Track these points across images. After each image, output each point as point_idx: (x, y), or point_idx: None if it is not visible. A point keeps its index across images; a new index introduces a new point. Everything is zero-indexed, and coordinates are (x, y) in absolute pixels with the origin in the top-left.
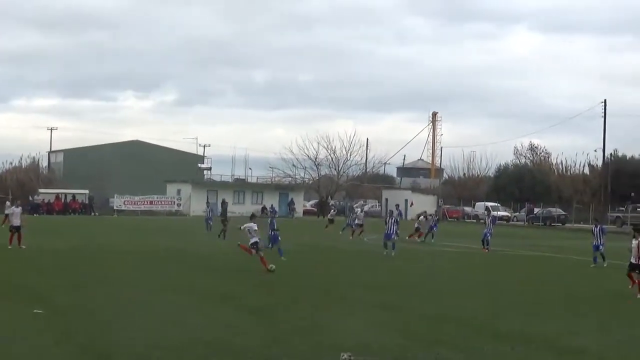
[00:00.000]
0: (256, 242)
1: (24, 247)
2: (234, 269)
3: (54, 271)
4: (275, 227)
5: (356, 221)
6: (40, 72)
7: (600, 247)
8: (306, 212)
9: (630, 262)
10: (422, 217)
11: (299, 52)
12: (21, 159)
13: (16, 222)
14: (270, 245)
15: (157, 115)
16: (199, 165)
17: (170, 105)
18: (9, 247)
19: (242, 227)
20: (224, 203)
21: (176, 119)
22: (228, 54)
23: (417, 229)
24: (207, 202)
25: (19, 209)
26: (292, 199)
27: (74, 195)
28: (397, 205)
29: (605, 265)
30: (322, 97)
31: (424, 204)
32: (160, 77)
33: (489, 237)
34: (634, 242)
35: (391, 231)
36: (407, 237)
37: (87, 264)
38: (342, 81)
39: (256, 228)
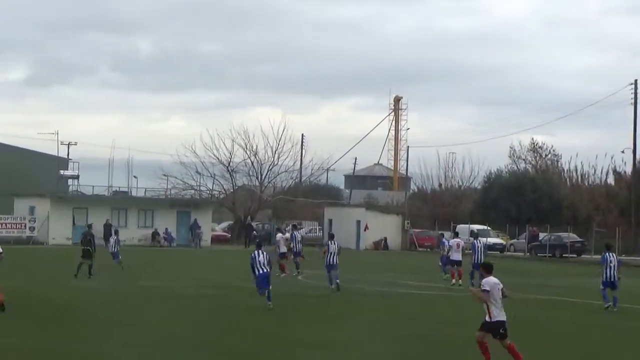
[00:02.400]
0: None
1: None
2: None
3: None
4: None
5: (279, 249)
6: None
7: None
8: (217, 239)
9: None
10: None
11: (199, 11)
12: None
13: None
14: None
15: None
16: (61, 172)
17: (16, 86)
18: None
19: None
20: (107, 226)
21: (25, 106)
22: (99, 12)
23: None
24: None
25: None
26: (195, 220)
27: None
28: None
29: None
30: (235, 75)
31: (383, 227)
32: (0, 46)
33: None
34: None
35: (333, 261)
36: None
37: None
38: (263, 53)
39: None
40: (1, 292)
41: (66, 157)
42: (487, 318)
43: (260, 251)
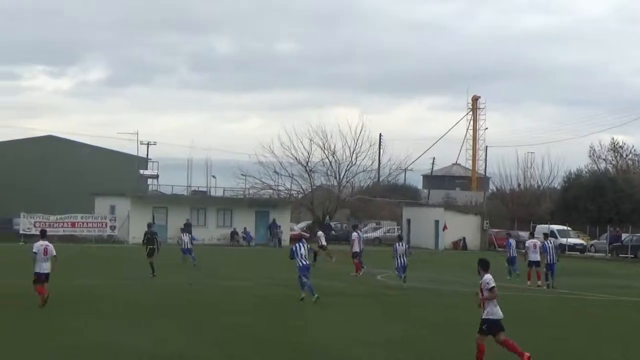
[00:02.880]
0: None
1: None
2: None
3: None
4: None
5: (353, 248)
6: None
7: None
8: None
9: None
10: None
11: (277, 11)
12: None
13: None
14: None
15: (78, 99)
16: (141, 171)
17: (97, 86)
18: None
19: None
20: (187, 225)
21: (105, 106)
22: (178, 13)
23: None
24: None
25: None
26: (274, 219)
27: None
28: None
29: None
30: (313, 74)
31: (462, 227)
32: (81, 46)
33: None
34: None
35: (403, 262)
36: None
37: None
38: (341, 52)
39: None
40: (45, 289)
41: (146, 156)
42: (484, 316)
43: (301, 244)
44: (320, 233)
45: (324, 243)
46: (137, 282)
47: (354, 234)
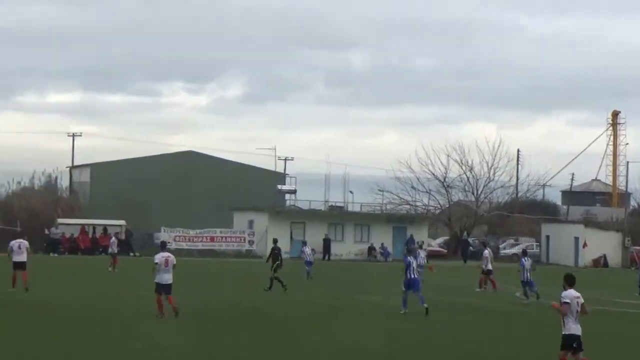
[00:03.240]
0: None
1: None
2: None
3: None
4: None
5: (486, 266)
6: (56, 56)
7: None
8: (433, 254)
9: None
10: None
11: (414, 27)
12: (33, 177)
13: (19, 257)
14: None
15: (216, 115)
16: (279, 187)
17: (234, 102)
18: (12, 289)
19: None
20: (326, 240)
21: (243, 121)
22: (315, 30)
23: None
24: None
25: (24, 241)
26: (411, 235)
27: (105, 228)
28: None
29: None
30: (451, 90)
31: (602, 244)
32: (220, 64)
33: None
34: None
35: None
36: None
37: (116, 327)
38: (478, 68)
39: None
40: (171, 300)
41: (283, 172)
42: (563, 331)
43: (413, 257)
44: (486, 253)
45: (490, 267)
46: (278, 297)
47: (485, 252)
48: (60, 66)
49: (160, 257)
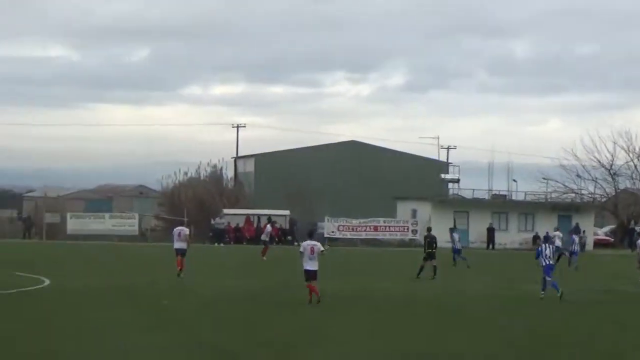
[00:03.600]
0: None
1: (182, 276)
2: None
3: (239, 322)
4: None
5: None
6: (220, 49)
7: None
8: (599, 243)
9: None
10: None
11: (576, 14)
12: (199, 167)
13: (179, 244)
14: None
15: (378, 105)
16: (442, 176)
17: (396, 91)
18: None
19: None
20: (490, 229)
21: (405, 110)
22: (476, 18)
23: None
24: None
25: (185, 229)
26: (577, 224)
27: (269, 218)
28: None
29: None
30: (615, 76)
31: None
32: (381, 53)
33: None
34: None
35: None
36: None
37: (289, 317)
38: None
39: None
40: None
41: (446, 160)
42: None
43: (547, 245)
44: None
45: None
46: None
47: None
48: (225, 59)
49: (306, 245)
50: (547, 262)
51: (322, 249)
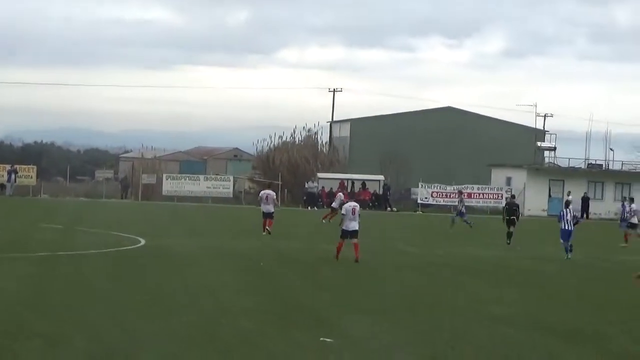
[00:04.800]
0: None
1: (264, 234)
2: None
3: (337, 287)
4: None
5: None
6: (318, 12)
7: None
8: None
9: None
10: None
11: None
12: (294, 131)
13: (266, 207)
14: None
15: (475, 71)
16: (538, 144)
17: (494, 58)
18: (263, 233)
19: None
20: (585, 199)
21: (502, 77)
22: None
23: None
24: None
25: (272, 193)
26: None
27: (364, 183)
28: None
29: None
30: None
31: None
32: (479, 19)
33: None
34: None
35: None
36: None
37: (382, 278)
38: None
39: None
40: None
41: (542, 128)
42: None
43: (568, 210)
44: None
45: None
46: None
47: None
48: (322, 22)
49: (348, 206)
50: (566, 227)
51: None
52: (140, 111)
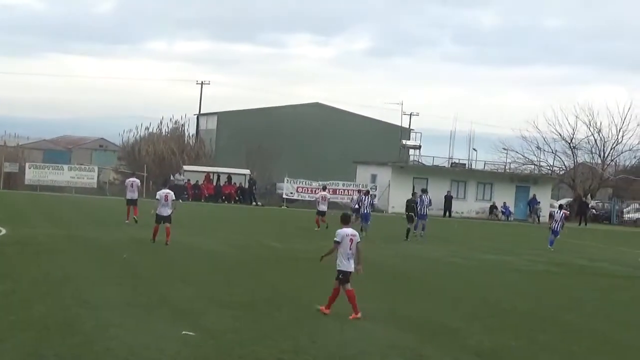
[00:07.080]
0: None
1: (127, 222)
2: None
3: (204, 281)
4: None
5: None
6: (186, 4)
7: None
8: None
9: None
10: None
11: None
12: (161, 123)
13: (131, 194)
14: None
15: (341, 68)
16: (403, 142)
17: (361, 56)
18: (127, 221)
19: None
20: (448, 197)
21: (368, 75)
22: None
23: None
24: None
25: (137, 180)
26: (534, 195)
27: (229, 177)
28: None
29: None
30: (580, 51)
31: None
32: (347, 17)
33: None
34: None
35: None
36: None
37: (246, 272)
38: (610, 30)
39: None
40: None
41: (408, 127)
42: None
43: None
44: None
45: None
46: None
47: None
48: (190, 14)
49: (161, 193)
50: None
51: (173, 198)
52: (3, 97)
